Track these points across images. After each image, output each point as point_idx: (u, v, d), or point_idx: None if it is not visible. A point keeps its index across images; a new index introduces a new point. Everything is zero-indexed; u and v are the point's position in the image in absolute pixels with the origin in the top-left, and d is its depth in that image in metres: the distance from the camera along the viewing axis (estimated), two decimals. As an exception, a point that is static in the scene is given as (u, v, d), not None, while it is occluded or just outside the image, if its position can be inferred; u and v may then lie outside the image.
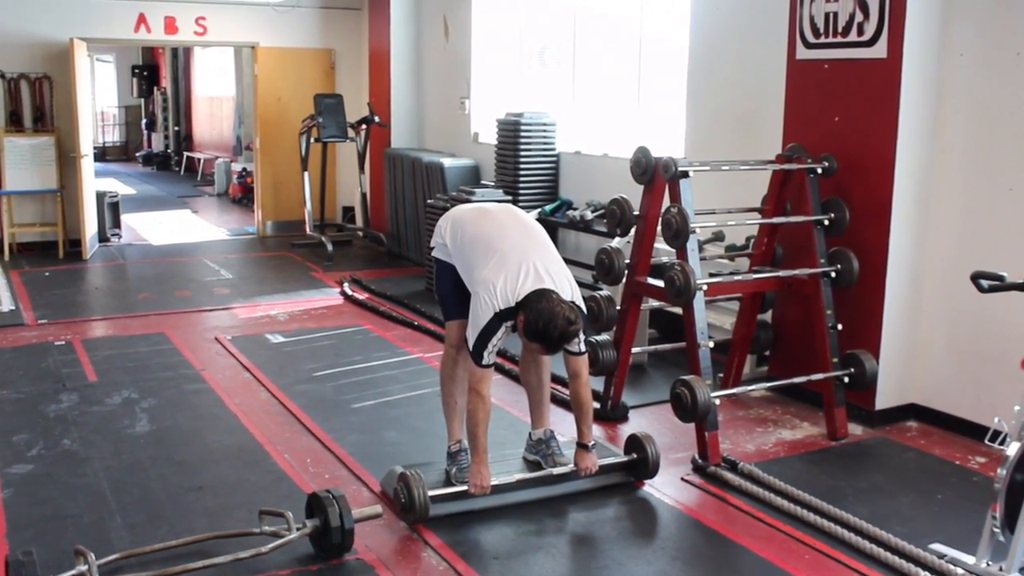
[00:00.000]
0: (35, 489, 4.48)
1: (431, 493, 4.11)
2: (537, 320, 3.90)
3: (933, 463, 4.88)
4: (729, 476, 4.58)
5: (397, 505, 4.17)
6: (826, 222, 5.29)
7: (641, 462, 4.51)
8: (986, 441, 3.77)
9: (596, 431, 5.19)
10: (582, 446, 4.37)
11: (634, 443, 4.55)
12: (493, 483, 4.22)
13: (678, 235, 4.88)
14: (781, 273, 5.38)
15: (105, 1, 10.45)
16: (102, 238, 11.00)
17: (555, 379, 4.85)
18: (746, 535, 4.08)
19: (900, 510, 4.31)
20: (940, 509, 4.36)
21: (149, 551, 3.76)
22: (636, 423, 5.43)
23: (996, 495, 3.55)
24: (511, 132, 8.40)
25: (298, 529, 3.81)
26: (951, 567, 3.66)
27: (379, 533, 4.05)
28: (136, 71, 21.55)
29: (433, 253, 4.49)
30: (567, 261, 4.31)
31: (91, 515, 4.20)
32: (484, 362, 4.06)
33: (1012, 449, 3.57)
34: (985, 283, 3.79)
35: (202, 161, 18.66)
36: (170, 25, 10.85)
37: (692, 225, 4.86)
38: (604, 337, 5.46)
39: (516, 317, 3.99)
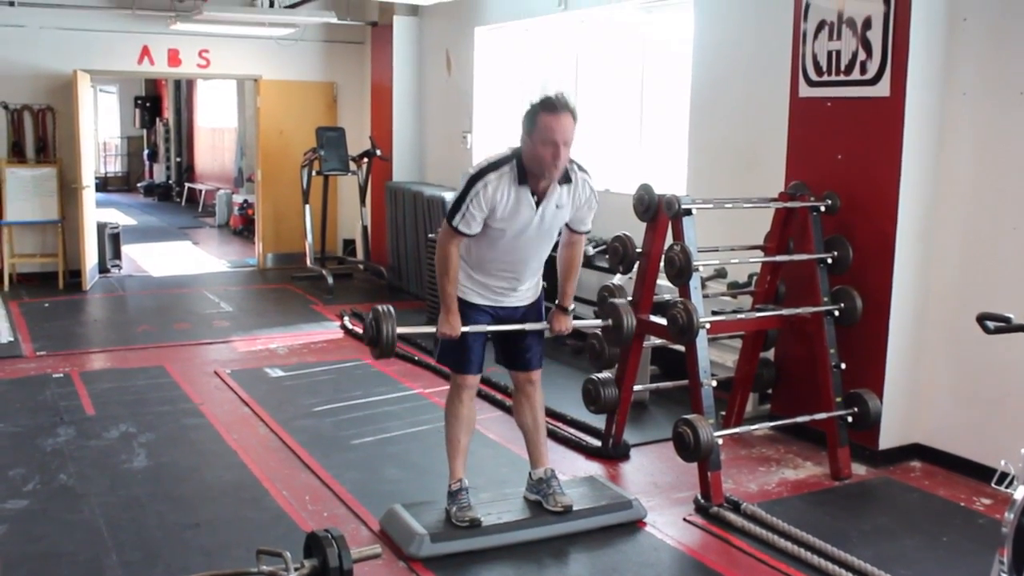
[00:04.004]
0: (30, 526, 4.43)
1: (400, 331, 4.11)
2: (531, 105, 4.01)
3: (938, 504, 4.83)
4: (732, 517, 4.53)
5: (365, 339, 4.21)
6: (829, 260, 5.28)
7: (616, 328, 4.60)
8: (993, 484, 3.73)
9: (597, 469, 5.16)
10: (561, 308, 4.42)
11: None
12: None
13: (681, 273, 4.87)
14: (784, 311, 5.36)
15: (109, 34, 10.50)
16: (102, 269, 10.97)
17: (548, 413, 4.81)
18: (750, 578, 4.03)
19: (905, 552, 4.26)
20: (945, 552, 4.31)
21: (145, 591, 3.73)
22: (638, 461, 5.38)
23: (1003, 539, 3.49)
24: (513, 167, 8.38)
25: (296, 569, 3.75)
26: (958, 613, 3.61)
27: (378, 573, 3.99)
28: (139, 102, 21.64)
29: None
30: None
31: (86, 552, 4.15)
32: (454, 223, 4.08)
33: (1020, 493, 3.53)
34: (991, 324, 3.75)
35: (203, 192, 18.68)
36: (173, 58, 10.90)
37: (695, 263, 4.85)
38: (606, 375, 5.43)
39: (509, 163, 4.07)
